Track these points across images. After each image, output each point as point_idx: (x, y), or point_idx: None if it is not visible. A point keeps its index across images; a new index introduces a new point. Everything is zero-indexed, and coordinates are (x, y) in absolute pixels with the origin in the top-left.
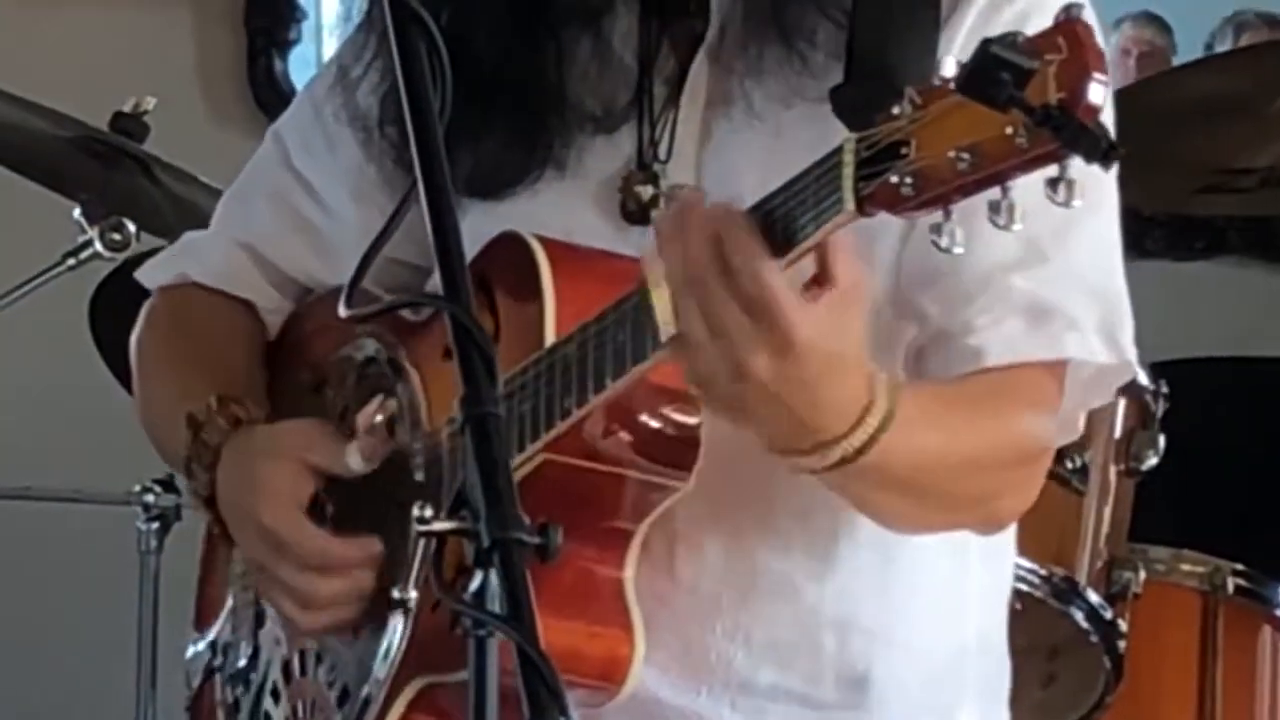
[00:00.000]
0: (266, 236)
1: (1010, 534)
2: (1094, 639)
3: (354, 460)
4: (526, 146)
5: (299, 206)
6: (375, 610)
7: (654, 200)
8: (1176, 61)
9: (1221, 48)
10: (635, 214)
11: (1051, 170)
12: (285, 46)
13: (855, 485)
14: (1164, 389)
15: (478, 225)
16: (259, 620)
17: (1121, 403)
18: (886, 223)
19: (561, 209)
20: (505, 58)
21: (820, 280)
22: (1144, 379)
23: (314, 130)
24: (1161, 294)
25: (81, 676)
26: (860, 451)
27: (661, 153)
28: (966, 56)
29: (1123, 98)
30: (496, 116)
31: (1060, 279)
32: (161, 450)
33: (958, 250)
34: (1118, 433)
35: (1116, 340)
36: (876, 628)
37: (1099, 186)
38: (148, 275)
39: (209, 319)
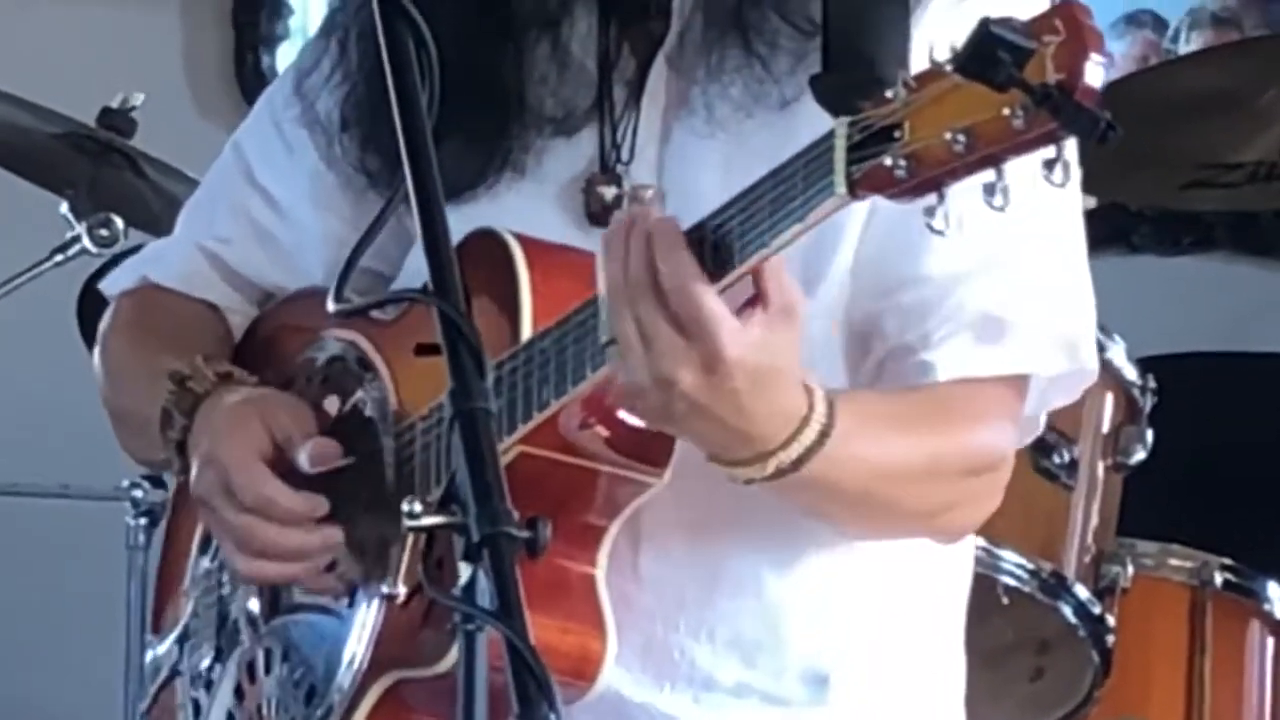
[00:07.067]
0: (227, 244)
1: (971, 535)
2: (1082, 634)
3: (302, 457)
4: (485, 149)
5: (260, 219)
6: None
7: (617, 201)
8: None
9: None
10: (599, 215)
11: (1048, 152)
12: (273, 42)
13: (799, 495)
14: (1152, 384)
15: None
16: (222, 621)
17: (1109, 398)
18: (840, 234)
19: (524, 211)
20: (464, 61)
21: (755, 300)
22: (1132, 374)
23: (273, 140)
24: (1149, 289)
25: (69, 671)
26: (798, 463)
27: (624, 154)
28: (934, 37)
29: (1109, 92)
30: (456, 119)
31: (1016, 288)
32: (134, 425)
33: (950, 233)
34: (1105, 428)
35: (1074, 348)
36: (840, 625)
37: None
38: (110, 284)
39: (175, 312)
